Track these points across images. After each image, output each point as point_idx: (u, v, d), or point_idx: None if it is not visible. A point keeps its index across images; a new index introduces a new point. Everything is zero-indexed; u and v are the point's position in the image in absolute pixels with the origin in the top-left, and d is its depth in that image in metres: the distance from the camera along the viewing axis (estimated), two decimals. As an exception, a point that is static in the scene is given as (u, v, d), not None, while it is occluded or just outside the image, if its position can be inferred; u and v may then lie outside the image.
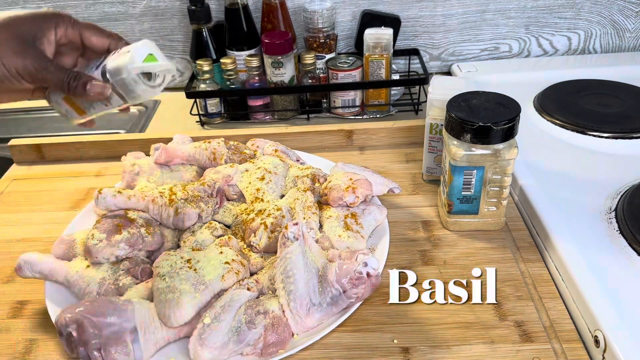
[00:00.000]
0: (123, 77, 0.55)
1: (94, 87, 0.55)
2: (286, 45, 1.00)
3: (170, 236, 0.74)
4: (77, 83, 0.55)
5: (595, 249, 0.68)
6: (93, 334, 0.56)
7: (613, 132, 0.90)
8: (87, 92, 0.55)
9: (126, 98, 0.57)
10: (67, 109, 0.60)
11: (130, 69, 0.55)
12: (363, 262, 0.63)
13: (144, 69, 0.55)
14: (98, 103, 0.58)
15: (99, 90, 0.55)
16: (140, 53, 0.55)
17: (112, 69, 0.55)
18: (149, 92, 0.56)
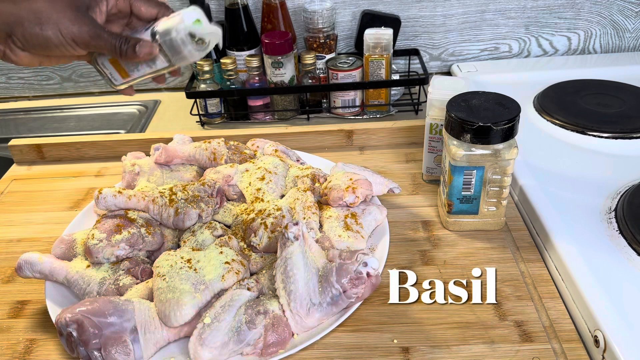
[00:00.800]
0: (172, 36, 0.57)
1: (143, 47, 0.57)
2: (286, 46, 1.00)
3: (170, 236, 0.74)
4: (127, 46, 0.57)
5: (595, 249, 0.68)
6: (93, 333, 0.56)
7: (613, 132, 0.90)
8: (137, 52, 0.57)
9: (172, 59, 0.59)
10: (112, 72, 0.62)
11: (180, 29, 0.57)
12: (363, 262, 0.63)
13: (193, 30, 0.57)
14: (143, 65, 0.60)
15: (147, 49, 0.57)
16: (190, 16, 0.58)
17: (162, 29, 0.57)
18: (195, 54, 0.59)
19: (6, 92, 1.28)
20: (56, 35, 0.55)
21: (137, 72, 0.61)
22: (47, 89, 1.28)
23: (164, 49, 0.58)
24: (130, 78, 0.62)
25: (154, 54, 0.58)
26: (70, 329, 0.57)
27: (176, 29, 0.57)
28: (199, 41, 0.58)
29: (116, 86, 0.63)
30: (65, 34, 0.55)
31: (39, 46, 0.55)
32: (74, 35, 0.55)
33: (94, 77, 1.26)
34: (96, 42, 0.56)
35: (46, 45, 0.55)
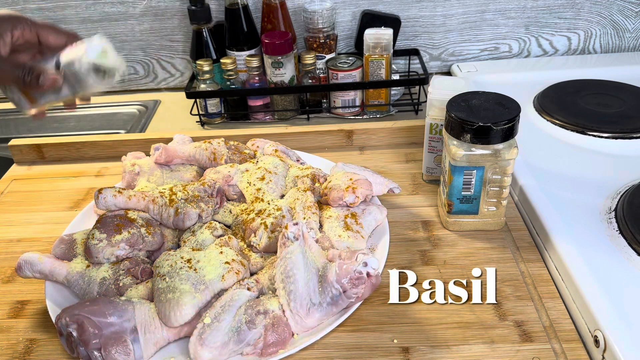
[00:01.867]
0: (75, 68, 0.58)
1: (47, 78, 0.57)
2: (286, 45, 1.00)
3: (170, 236, 0.74)
4: (30, 77, 0.57)
5: (595, 249, 0.68)
6: (93, 333, 0.56)
7: (613, 132, 0.90)
8: (40, 83, 0.57)
9: (77, 89, 0.60)
10: (20, 98, 0.62)
11: (83, 61, 0.58)
12: (363, 262, 0.63)
13: (96, 62, 0.59)
14: (49, 93, 0.61)
15: (51, 80, 0.58)
16: (94, 48, 0.59)
17: (66, 60, 0.59)
18: (99, 85, 0.60)
19: (6, 92, 1.28)
20: None
21: (44, 99, 0.62)
22: (47, 89, 1.28)
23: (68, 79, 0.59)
24: (37, 104, 0.62)
25: (57, 85, 0.59)
26: (70, 329, 0.57)
27: (79, 61, 0.58)
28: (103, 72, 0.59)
29: (25, 111, 0.63)
30: None
31: None
32: None
33: (94, 77, 1.26)
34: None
35: None
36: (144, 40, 1.20)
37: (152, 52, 1.21)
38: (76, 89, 0.60)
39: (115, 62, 0.60)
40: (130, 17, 1.17)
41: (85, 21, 1.17)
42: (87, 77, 0.59)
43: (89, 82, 0.59)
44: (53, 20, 1.17)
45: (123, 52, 1.21)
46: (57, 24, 0.63)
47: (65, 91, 0.60)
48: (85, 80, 0.59)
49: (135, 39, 1.19)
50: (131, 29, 1.18)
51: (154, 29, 1.18)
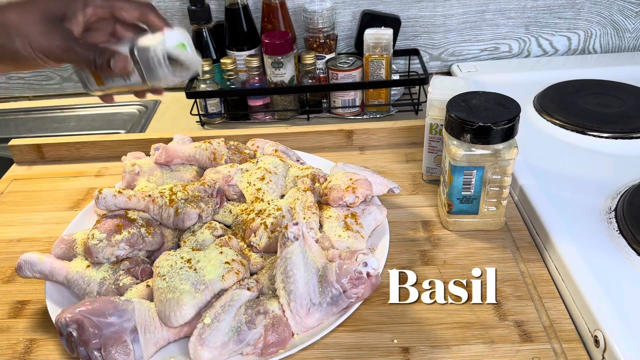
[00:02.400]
0: (149, 55, 0.56)
1: (118, 61, 0.55)
2: (286, 45, 1.00)
3: (170, 236, 0.74)
4: (102, 60, 0.55)
5: (595, 249, 0.68)
6: (93, 333, 0.56)
7: (613, 132, 0.90)
8: (112, 67, 0.55)
9: (146, 77, 0.57)
10: (88, 77, 0.61)
11: (158, 50, 0.56)
12: (363, 262, 0.63)
13: (171, 53, 0.56)
14: (118, 78, 0.59)
15: (122, 64, 0.56)
16: (173, 38, 0.56)
17: (141, 45, 0.56)
18: (169, 78, 0.57)
19: (6, 92, 1.29)
20: (25, 49, 0.53)
21: (112, 83, 0.60)
22: (47, 89, 1.28)
23: (140, 66, 0.57)
24: (105, 87, 0.61)
25: (128, 70, 0.56)
26: (70, 329, 0.57)
27: (155, 48, 0.56)
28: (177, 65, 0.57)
29: (91, 91, 0.62)
30: (34, 48, 0.53)
31: (8, 58, 0.54)
32: (43, 49, 0.53)
33: (94, 77, 1.26)
34: (68, 56, 0.55)
35: (15, 58, 0.54)
36: (144, 40, 1.19)
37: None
38: (146, 77, 0.57)
39: (191, 57, 0.58)
40: (130, 17, 1.16)
41: (85, 21, 1.17)
42: (159, 67, 0.56)
43: (160, 72, 0.56)
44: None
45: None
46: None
47: (135, 78, 0.58)
48: (156, 70, 0.56)
49: (135, 39, 1.19)
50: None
51: (154, 29, 1.18)
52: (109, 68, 0.55)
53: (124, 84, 0.59)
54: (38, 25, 0.53)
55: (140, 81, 0.58)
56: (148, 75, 0.57)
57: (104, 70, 0.56)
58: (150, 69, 0.56)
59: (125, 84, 0.59)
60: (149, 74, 0.57)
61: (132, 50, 0.56)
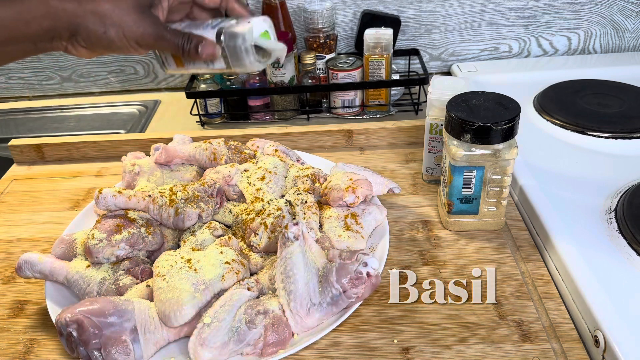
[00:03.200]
0: (237, 43, 0.56)
1: (206, 47, 0.57)
2: (286, 45, 1.00)
3: (170, 236, 0.74)
4: (190, 46, 0.56)
5: (595, 249, 0.68)
6: (93, 333, 0.56)
7: (613, 132, 0.90)
8: (199, 52, 0.57)
9: (232, 64, 0.58)
10: (168, 58, 0.61)
11: (247, 38, 0.57)
12: (363, 262, 0.63)
13: (260, 42, 0.57)
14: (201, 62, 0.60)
15: (210, 50, 0.57)
16: (260, 27, 0.58)
17: (229, 33, 0.57)
18: (255, 65, 0.58)
19: (6, 92, 1.29)
20: (119, 38, 0.55)
21: (193, 66, 0.60)
22: (47, 89, 1.28)
23: (226, 53, 0.57)
24: (184, 68, 0.61)
25: (215, 56, 0.57)
26: (70, 329, 0.57)
27: (243, 37, 0.56)
28: (263, 53, 0.58)
29: (167, 70, 0.63)
30: (128, 37, 0.55)
31: (102, 47, 0.55)
32: (137, 37, 0.55)
33: (94, 77, 1.26)
34: (159, 43, 0.56)
35: (109, 46, 0.55)
36: (144, 40, 1.19)
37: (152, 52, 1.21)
38: (231, 64, 0.58)
39: (275, 45, 0.59)
40: (130, 17, 1.16)
41: (85, 21, 1.17)
42: (246, 55, 0.57)
43: (246, 60, 0.57)
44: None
45: (123, 52, 1.21)
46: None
47: (219, 64, 0.59)
48: (243, 58, 0.57)
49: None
50: None
51: (154, 29, 1.18)
52: (196, 54, 0.56)
53: (206, 67, 0.60)
54: (131, 15, 0.54)
55: (224, 66, 0.59)
56: (234, 62, 0.58)
57: (191, 55, 0.57)
58: (237, 56, 0.57)
59: (207, 67, 0.60)
60: (234, 61, 0.58)
61: (218, 37, 0.57)
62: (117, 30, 0.54)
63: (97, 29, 0.54)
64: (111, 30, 0.54)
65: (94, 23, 0.54)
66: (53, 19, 0.53)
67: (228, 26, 0.57)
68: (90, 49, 0.56)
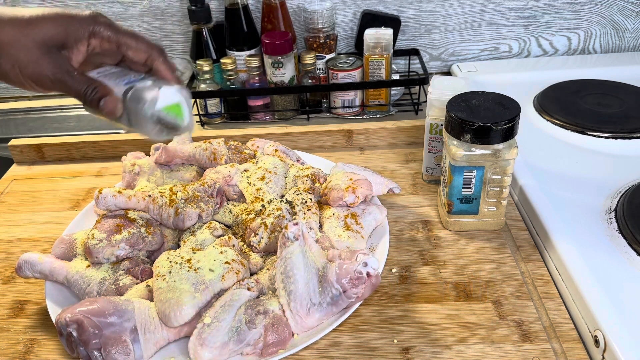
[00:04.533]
0: (138, 107, 0.54)
1: (108, 103, 0.53)
2: (286, 45, 1.00)
3: (170, 236, 0.74)
4: (93, 97, 0.53)
5: (595, 249, 0.68)
6: (93, 333, 0.56)
7: (613, 132, 0.90)
8: (100, 106, 0.53)
9: (133, 127, 0.56)
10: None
11: (149, 107, 0.54)
12: (363, 262, 0.63)
13: (161, 114, 0.54)
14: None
15: (111, 107, 0.54)
16: (169, 98, 0.55)
17: (134, 95, 0.54)
18: (155, 135, 0.56)
19: (6, 92, 1.29)
20: (14, 73, 0.51)
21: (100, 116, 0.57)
22: (47, 89, 1.28)
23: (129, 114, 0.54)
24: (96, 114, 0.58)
25: (115, 114, 0.54)
26: (70, 329, 0.57)
27: (144, 103, 0.53)
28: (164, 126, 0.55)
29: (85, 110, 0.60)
30: (24, 74, 0.51)
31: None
32: (32, 76, 0.51)
33: (94, 77, 1.26)
34: (58, 87, 0.52)
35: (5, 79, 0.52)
36: (144, 40, 1.19)
37: None
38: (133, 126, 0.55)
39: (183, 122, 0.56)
40: (130, 17, 1.17)
41: (85, 21, 1.17)
42: (146, 123, 0.54)
43: (146, 127, 0.54)
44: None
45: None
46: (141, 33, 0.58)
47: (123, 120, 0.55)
48: (144, 125, 0.54)
49: (135, 39, 1.19)
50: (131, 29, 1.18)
51: (154, 29, 1.18)
52: (97, 106, 0.53)
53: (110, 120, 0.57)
54: (31, 52, 0.51)
55: (126, 126, 0.56)
56: (134, 125, 0.55)
57: (92, 107, 0.54)
58: (138, 121, 0.54)
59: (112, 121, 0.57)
60: (135, 125, 0.55)
61: (125, 95, 0.54)
62: (12, 65, 0.50)
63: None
64: (6, 63, 0.50)
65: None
66: None
67: (139, 87, 0.54)
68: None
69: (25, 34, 0.51)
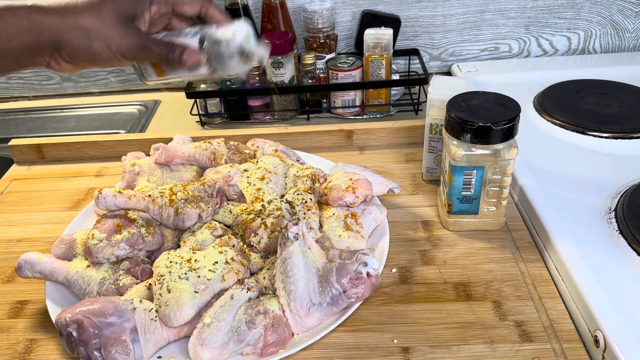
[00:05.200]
0: (221, 49, 0.58)
1: (190, 55, 0.57)
2: (286, 45, 1.00)
3: (170, 236, 0.74)
4: (174, 55, 0.57)
5: (595, 249, 0.68)
6: (93, 333, 0.56)
7: (613, 132, 0.90)
8: (184, 61, 0.57)
9: (217, 69, 0.59)
10: (147, 68, 0.62)
11: (231, 43, 0.58)
12: (363, 262, 0.63)
13: (243, 46, 0.58)
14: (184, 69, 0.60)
15: (194, 58, 0.57)
16: (242, 31, 0.59)
17: (212, 39, 0.58)
18: (239, 68, 0.60)
19: (6, 92, 1.29)
20: (105, 51, 0.54)
21: (174, 74, 0.61)
22: (47, 89, 1.28)
23: (211, 58, 0.58)
24: (165, 77, 0.62)
25: (200, 63, 0.58)
26: (70, 329, 0.57)
27: (227, 42, 0.58)
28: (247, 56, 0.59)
29: (147, 81, 0.63)
30: (114, 49, 0.55)
31: (86, 61, 0.55)
32: (122, 49, 0.55)
33: (94, 77, 1.26)
34: (144, 54, 0.56)
35: (94, 60, 0.55)
36: (144, 40, 1.19)
37: None
38: (215, 68, 0.59)
39: (259, 47, 0.60)
40: (130, 17, 1.16)
41: (85, 21, 1.17)
42: (230, 60, 0.58)
43: (231, 64, 0.58)
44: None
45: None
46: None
47: (203, 69, 0.59)
48: (227, 62, 0.58)
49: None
50: None
51: (154, 29, 1.18)
52: (180, 62, 0.57)
53: (189, 74, 0.60)
54: (115, 27, 0.54)
55: (208, 72, 0.60)
56: (218, 67, 0.59)
57: (176, 63, 0.57)
58: (222, 61, 0.58)
59: (190, 74, 0.60)
60: (219, 66, 0.59)
61: (201, 43, 0.58)
62: (101, 44, 0.54)
63: (81, 43, 0.53)
64: (96, 44, 0.54)
65: (78, 37, 0.53)
66: (35, 35, 0.52)
67: (211, 33, 0.59)
68: (74, 64, 0.56)
69: (104, 13, 0.54)
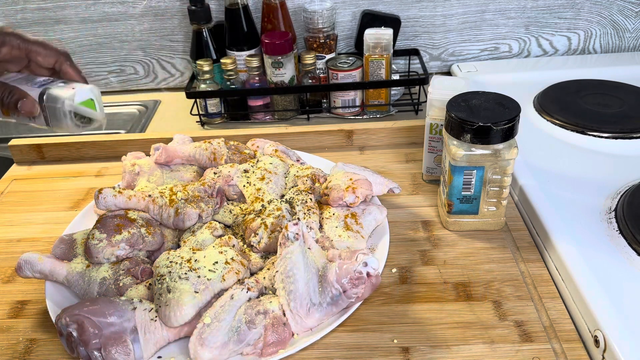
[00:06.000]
0: (57, 106, 0.60)
1: (25, 104, 0.58)
2: (286, 45, 1.00)
3: (170, 236, 0.74)
4: (10, 100, 0.58)
5: (595, 249, 0.68)
6: (93, 333, 0.56)
7: (613, 132, 0.90)
8: (19, 108, 0.58)
9: (51, 124, 0.61)
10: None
11: (66, 104, 0.60)
12: (363, 262, 0.63)
13: (78, 110, 0.61)
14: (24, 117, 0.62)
15: (29, 108, 0.59)
16: (83, 94, 0.61)
17: (51, 95, 0.60)
18: (72, 129, 0.62)
19: (6, 92, 1.28)
20: None
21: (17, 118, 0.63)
22: (47, 89, 1.28)
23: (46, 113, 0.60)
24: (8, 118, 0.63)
25: (34, 114, 0.60)
26: (70, 329, 0.57)
27: (63, 101, 0.59)
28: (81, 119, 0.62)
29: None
30: None
31: None
32: None
33: (94, 77, 1.26)
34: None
35: None
36: (144, 40, 1.20)
37: (152, 52, 1.21)
38: (51, 124, 0.61)
39: (97, 114, 0.63)
40: (130, 17, 1.17)
41: (85, 21, 1.17)
42: (64, 119, 0.60)
43: (64, 123, 0.61)
44: (53, 20, 1.17)
45: (123, 52, 1.21)
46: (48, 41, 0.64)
47: (40, 121, 0.62)
48: (62, 120, 0.61)
49: (135, 39, 1.19)
50: (131, 29, 1.18)
51: (154, 29, 1.18)
52: (15, 108, 0.58)
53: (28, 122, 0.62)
54: None
55: (44, 124, 0.62)
56: (52, 123, 0.61)
57: (11, 109, 0.58)
58: (56, 118, 0.61)
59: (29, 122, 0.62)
60: (53, 122, 0.61)
61: (41, 96, 0.60)
62: None
63: None
64: None
65: None
66: None
67: (53, 88, 0.60)
68: None
69: None
